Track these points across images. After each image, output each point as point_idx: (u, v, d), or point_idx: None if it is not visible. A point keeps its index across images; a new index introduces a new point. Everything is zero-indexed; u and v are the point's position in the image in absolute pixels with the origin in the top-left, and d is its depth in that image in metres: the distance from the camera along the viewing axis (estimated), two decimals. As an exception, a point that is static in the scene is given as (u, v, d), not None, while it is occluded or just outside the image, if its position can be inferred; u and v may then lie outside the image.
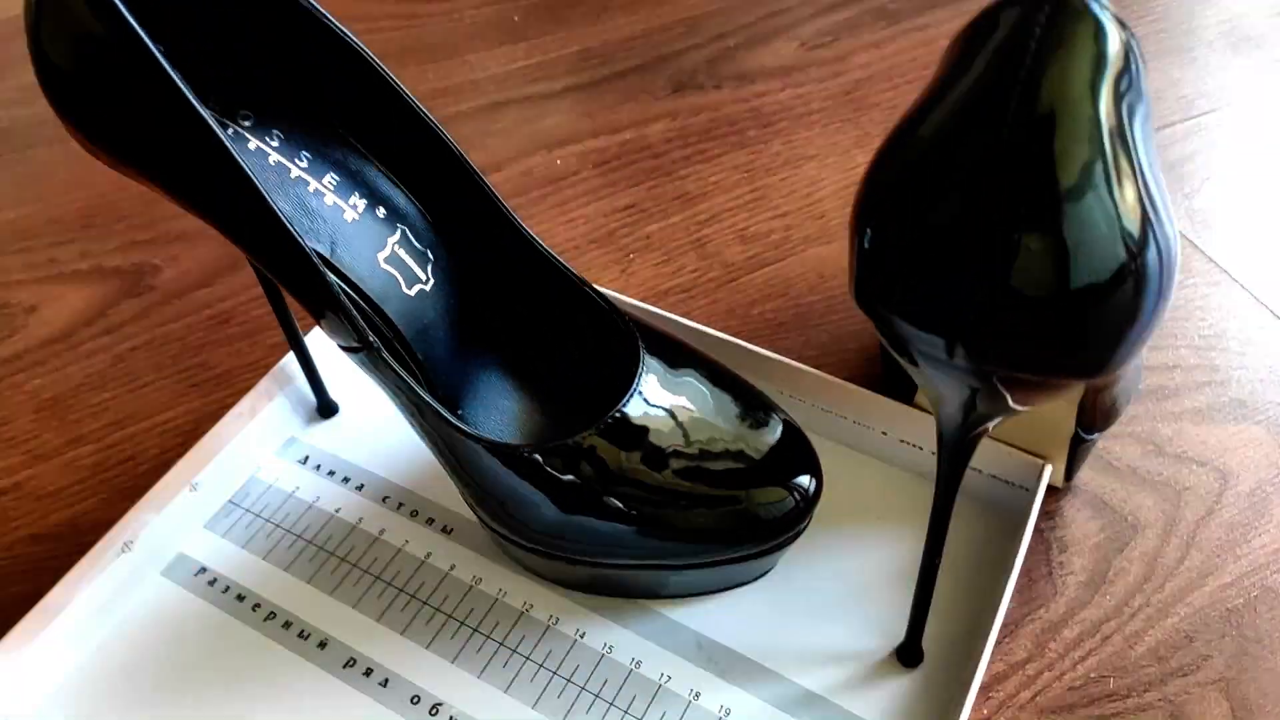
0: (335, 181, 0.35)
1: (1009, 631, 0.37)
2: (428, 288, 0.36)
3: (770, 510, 0.34)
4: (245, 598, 0.38)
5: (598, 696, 0.35)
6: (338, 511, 0.40)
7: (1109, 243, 0.21)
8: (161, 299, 0.51)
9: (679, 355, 0.36)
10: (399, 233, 0.36)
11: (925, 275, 0.22)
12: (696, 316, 0.48)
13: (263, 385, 0.42)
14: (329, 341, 0.38)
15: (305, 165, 0.34)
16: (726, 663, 0.36)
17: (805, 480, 0.35)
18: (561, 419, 0.38)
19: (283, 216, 0.29)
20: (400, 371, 0.32)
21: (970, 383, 0.24)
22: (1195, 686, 0.35)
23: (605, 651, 0.36)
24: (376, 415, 0.43)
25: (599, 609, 0.37)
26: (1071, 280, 0.21)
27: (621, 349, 0.36)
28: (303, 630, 0.37)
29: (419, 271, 0.36)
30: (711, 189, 0.56)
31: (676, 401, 0.34)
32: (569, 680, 0.35)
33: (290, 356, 0.42)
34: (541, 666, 0.36)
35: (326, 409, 0.43)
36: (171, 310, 0.50)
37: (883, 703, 0.34)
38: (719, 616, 0.37)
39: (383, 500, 0.41)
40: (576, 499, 0.33)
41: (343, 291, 0.31)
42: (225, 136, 0.29)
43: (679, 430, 0.34)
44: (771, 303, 0.49)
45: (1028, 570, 0.38)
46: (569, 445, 0.33)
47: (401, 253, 0.36)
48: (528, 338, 0.39)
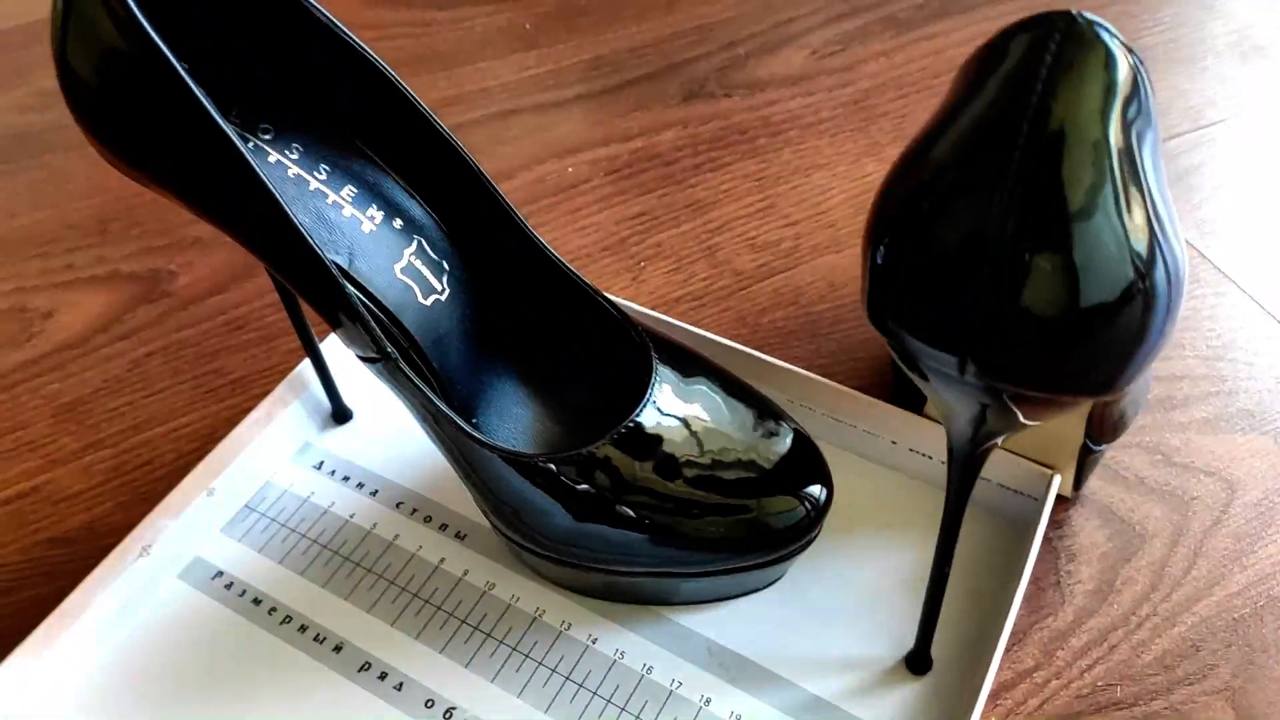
0: (353, 193, 0.35)
1: (1017, 640, 0.37)
2: (443, 298, 0.37)
3: (781, 519, 0.34)
4: (261, 601, 0.38)
5: (609, 701, 0.35)
6: (352, 517, 0.41)
7: (1118, 263, 0.21)
8: (177, 305, 0.51)
9: (691, 364, 0.37)
10: (415, 243, 0.36)
11: (937, 293, 0.22)
12: (707, 325, 0.49)
13: (279, 391, 0.42)
14: (344, 348, 0.38)
15: (324, 177, 0.35)
16: (737, 669, 0.36)
17: (816, 490, 0.35)
18: (574, 426, 0.38)
19: (303, 230, 0.30)
20: (417, 381, 0.33)
21: (980, 399, 0.24)
22: (1201, 695, 0.36)
23: (617, 657, 0.36)
24: (390, 421, 0.43)
25: (610, 615, 0.37)
26: (1081, 300, 0.21)
27: (633, 357, 0.36)
28: (318, 634, 0.37)
29: (434, 282, 0.37)
30: (722, 197, 0.56)
31: (690, 411, 0.35)
32: (581, 685, 0.36)
33: (305, 363, 0.43)
34: (554, 671, 0.36)
35: (341, 415, 0.44)
36: (187, 316, 0.51)
37: (892, 709, 0.35)
38: (730, 623, 0.37)
39: (396, 506, 0.41)
40: (590, 508, 0.33)
41: (361, 303, 0.32)
42: (246, 150, 0.29)
43: (692, 440, 0.34)
44: (781, 311, 0.50)
45: (1036, 579, 0.39)
46: (583, 455, 0.33)
47: (418, 263, 0.36)
48: (541, 346, 0.39)
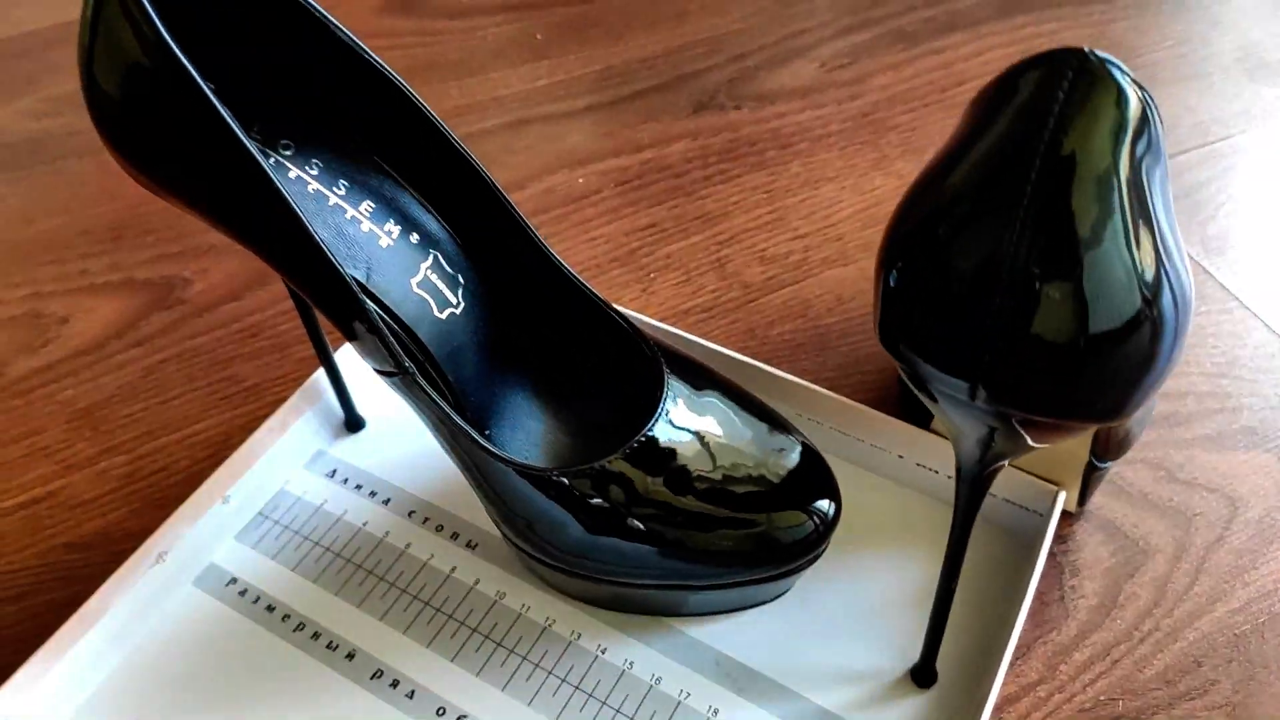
0: (371, 208, 0.36)
1: (1021, 653, 0.37)
2: (458, 311, 0.37)
3: (790, 534, 0.35)
4: (275, 608, 0.39)
5: (619, 711, 0.36)
6: (365, 525, 0.41)
7: (1127, 293, 0.22)
8: (192, 311, 0.52)
9: (701, 378, 0.37)
10: (431, 257, 0.37)
11: (949, 319, 0.23)
12: (716, 337, 0.49)
13: (293, 399, 0.43)
14: (357, 357, 0.39)
15: (342, 193, 0.35)
16: (744, 680, 0.36)
17: (825, 505, 0.36)
18: (586, 439, 0.38)
19: (324, 245, 0.30)
20: (433, 395, 0.33)
21: (989, 423, 0.25)
22: (1203, 710, 0.36)
23: (626, 667, 0.37)
24: (403, 430, 0.44)
25: (620, 626, 0.38)
26: (1091, 327, 0.22)
27: (644, 370, 0.37)
28: (331, 641, 0.38)
29: (450, 295, 0.37)
30: (731, 209, 0.57)
31: (701, 425, 0.35)
32: (590, 695, 0.36)
33: (320, 372, 0.43)
34: (564, 681, 0.37)
35: (354, 424, 0.44)
36: (202, 323, 0.51)
37: (897, 722, 0.35)
38: (738, 635, 0.38)
39: (409, 514, 0.41)
40: (603, 521, 0.34)
41: (379, 316, 0.32)
42: (268, 166, 0.30)
43: (704, 454, 0.35)
44: (790, 324, 0.50)
45: (1040, 593, 0.39)
46: (596, 469, 0.34)
47: (434, 277, 0.37)
48: (553, 359, 0.40)
